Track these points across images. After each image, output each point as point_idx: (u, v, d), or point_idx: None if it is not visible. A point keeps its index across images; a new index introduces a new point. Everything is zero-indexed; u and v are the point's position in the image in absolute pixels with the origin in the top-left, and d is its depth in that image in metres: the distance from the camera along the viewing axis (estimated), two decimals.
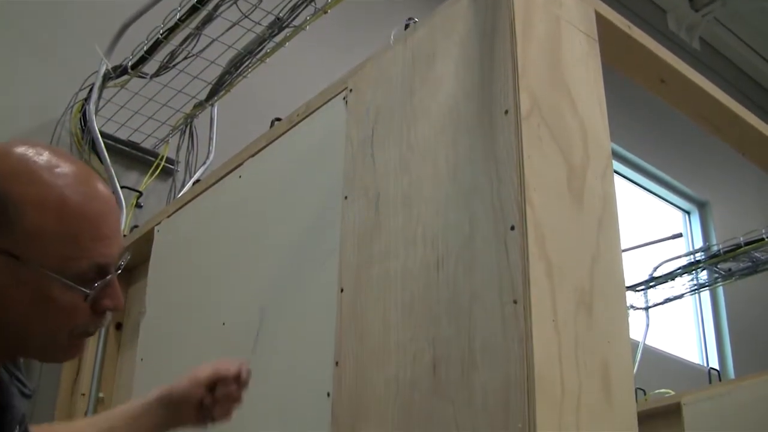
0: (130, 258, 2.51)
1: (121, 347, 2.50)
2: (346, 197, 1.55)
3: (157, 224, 2.30)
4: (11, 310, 0.98)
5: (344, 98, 1.66)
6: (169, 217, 2.26)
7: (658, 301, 4.18)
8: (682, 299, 4.28)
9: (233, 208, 1.95)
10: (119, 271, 1.06)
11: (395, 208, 1.42)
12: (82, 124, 2.91)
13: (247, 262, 1.82)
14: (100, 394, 2.42)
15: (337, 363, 1.41)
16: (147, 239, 2.33)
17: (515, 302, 1.14)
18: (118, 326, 2.53)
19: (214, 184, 2.08)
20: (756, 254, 3.66)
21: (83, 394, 2.42)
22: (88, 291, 1.00)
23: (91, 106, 2.83)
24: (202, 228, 2.09)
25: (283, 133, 1.85)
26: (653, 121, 5.18)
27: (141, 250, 2.40)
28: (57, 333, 1.02)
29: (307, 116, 1.78)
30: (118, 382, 2.44)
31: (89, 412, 2.37)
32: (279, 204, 1.79)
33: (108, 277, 1.02)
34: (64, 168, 1.00)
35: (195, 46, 2.62)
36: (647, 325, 4.18)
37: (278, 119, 1.96)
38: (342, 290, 1.47)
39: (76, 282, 0.99)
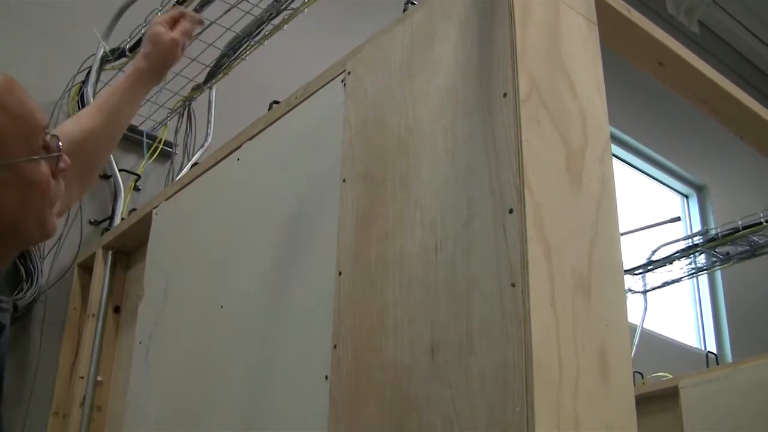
0: (129, 241, 2.52)
1: (119, 330, 2.50)
2: (344, 180, 1.54)
3: (155, 207, 2.30)
4: (3, 212, 1.09)
5: (342, 81, 1.66)
6: (167, 200, 2.26)
7: (656, 285, 4.18)
8: (680, 283, 4.28)
9: (231, 191, 1.95)
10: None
11: (393, 191, 1.42)
12: (80, 106, 2.90)
13: (245, 245, 1.82)
14: (99, 377, 2.42)
15: (335, 346, 1.42)
16: (145, 222, 2.33)
17: (513, 285, 1.14)
18: (117, 309, 2.53)
19: (212, 167, 2.08)
20: (754, 238, 3.66)
21: (81, 377, 2.42)
22: (57, 154, 1.14)
23: (89, 89, 2.83)
24: (200, 211, 2.09)
25: (282, 116, 1.85)
26: (652, 105, 5.18)
27: (139, 233, 2.40)
28: (42, 209, 1.14)
29: (305, 99, 1.78)
30: (117, 365, 2.45)
31: (87, 396, 2.38)
32: (277, 187, 1.78)
33: (58, 142, 1.15)
34: None
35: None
36: (645, 309, 4.19)
37: (276, 102, 1.96)
38: (340, 273, 1.47)
39: (44, 154, 1.12)
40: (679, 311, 5.26)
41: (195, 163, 2.85)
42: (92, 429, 2.36)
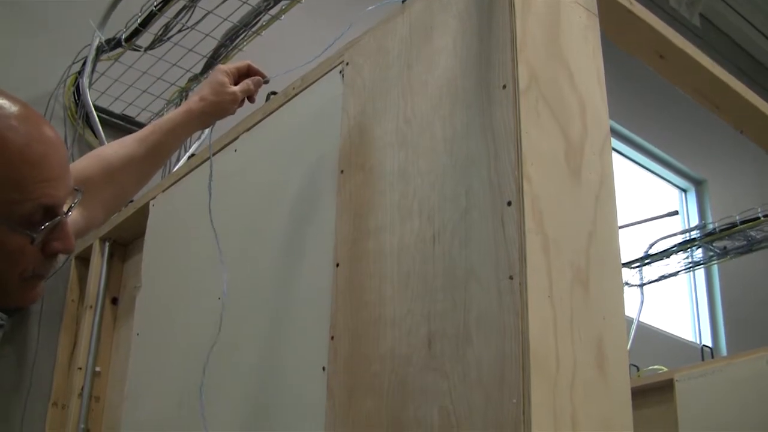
0: (126, 232, 2.51)
1: (117, 322, 2.50)
2: (342, 171, 1.54)
3: (152, 198, 2.29)
4: None
5: (341, 71, 1.65)
6: (164, 191, 2.25)
7: (653, 279, 4.18)
8: (677, 277, 4.28)
9: (228, 182, 1.95)
10: (69, 213, 1.07)
11: (391, 183, 1.41)
12: (76, 97, 2.90)
13: (243, 236, 1.81)
14: (97, 368, 2.43)
15: (332, 337, 1.41)
16: (142, 213, 2.32)
17: (511, 278, 1.13)
18: (114, 301, 2.53)
19: (209, 158, 2.07)
20: (751, 233, 3.66)
21: (80, 368, 2.42)
22: (33, 234, 1.01)
23: (85, 80, 2.82)
24: (197, 203, 2.08)
25: (279, 107, 1.84)
26: (652, 98, 5.17)
27: (136, 224, 2.39)
28: (7, 277, 1.03)
29: (303, 90, 1.77)
30: (115, 356, 2.45)
31: (86, 387, 2.38)
32: (275, 178, 1.78)
33: (56, 219, 1.03)
34: (7, 109, 0.99)
35: (189, 18, 2.60)
36: (642, 302, 4.19)
37: (274, 93, 1.95)
38: (338, 265, 1.46)
39: (21, 225, 1.00)
40: (675, 305, 5.27)
41: (192, 155, 2.84)
42: (91, 419, 2.37)
